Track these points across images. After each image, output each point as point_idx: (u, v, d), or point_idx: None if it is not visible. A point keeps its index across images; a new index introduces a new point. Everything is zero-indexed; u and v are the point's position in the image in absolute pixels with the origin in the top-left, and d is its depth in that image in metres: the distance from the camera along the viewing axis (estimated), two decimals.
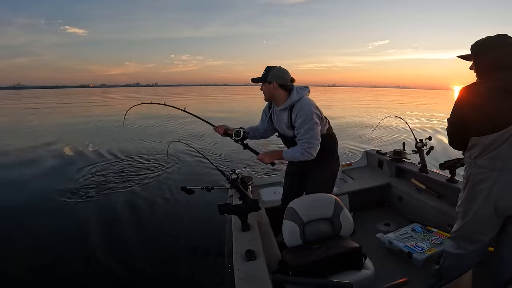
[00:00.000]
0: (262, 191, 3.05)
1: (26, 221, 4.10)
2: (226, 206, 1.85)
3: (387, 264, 2.18)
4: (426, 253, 2.13)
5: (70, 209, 4.52)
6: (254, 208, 1.87)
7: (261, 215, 2.29)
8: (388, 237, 2.38)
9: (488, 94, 1.37)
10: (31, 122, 14.71)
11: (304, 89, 2.09)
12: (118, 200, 4.85)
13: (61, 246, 3.45)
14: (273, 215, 2.32)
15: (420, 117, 15.89)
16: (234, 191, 2.44)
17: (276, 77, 2.03)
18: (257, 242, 1.71)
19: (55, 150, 8.62)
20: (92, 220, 4.15)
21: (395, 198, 3.01)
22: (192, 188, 2.35)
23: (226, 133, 2.40)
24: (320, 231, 1.91)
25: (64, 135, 10.92)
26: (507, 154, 1.36)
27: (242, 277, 1.42)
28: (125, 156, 7.67)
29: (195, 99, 38.65)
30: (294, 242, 1.83)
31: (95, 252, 3.30)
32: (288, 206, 1.93)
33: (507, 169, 1.37)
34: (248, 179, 2.77)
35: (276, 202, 2.78)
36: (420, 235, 2.36)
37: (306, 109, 1.97)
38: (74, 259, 3.18)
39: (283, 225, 1.87)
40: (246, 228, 1.85)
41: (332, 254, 1.67)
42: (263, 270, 1.46)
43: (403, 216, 2.84)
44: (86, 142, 9.49)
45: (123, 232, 3.80)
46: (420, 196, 2.71)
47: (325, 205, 1.95)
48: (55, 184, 5.60)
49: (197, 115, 2.74)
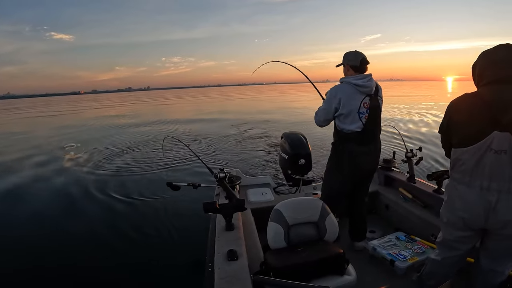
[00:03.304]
0: (250, 191, 3.03)
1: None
2: (211, 204, 1.83)
3: (369, 271, 2.18)
4: (408, 262, 2.14)
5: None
6: (239, 208, 1.85)
7: (247, 215, 2.27)
8: (372, 244, 2.38)
9: (466, 109, 1.37)
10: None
11: (351, 78, 2.12)
12: (102, 192, 4.80)
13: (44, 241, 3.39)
14: (259, 216, 2.30)
15: (413, 113, 15.44)
16: (221, 189, 2.41)
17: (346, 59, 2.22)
18: (240, 242, 1.69)
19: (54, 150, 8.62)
20: (70, 209, 4.12)
21: (382, 206, 3.02)
22: (178, 184, 2.32)
23: None
24: (305, 234, 1.89)
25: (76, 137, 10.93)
26: (474, 170, 1.34)
27: (222, 276, 1.40)
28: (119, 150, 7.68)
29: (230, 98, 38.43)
30: (278, 244, 1.82)
31: (69, 242, 3.25)
32: (275, 208, 1.92)
33: (473, 185, 1.37)
34: (236, 179, 2.75)
35: (263, 203, 2.76)
36: (404, 243, 2.37)
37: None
38: (52, 254, 3.12)
39: (268, 227, 1.86)
40: (230, 228, 1.83)
41: (315, 258, 1.67)
42: (244, 271, 1.44)
43: (389, 224, 2.85)
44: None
45: (103, 226, 3.74)
46: (407, 205, 2.72)
47: (311, 209, 1.94)
48: (54, 183, 5.57)
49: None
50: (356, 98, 2.10)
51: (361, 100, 2.10)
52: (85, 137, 11.03)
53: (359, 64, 2.14)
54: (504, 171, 1.28)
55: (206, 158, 6.61)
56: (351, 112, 2.09)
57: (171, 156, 6.94)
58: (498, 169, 1.28)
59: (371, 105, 2.11)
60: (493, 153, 1.27)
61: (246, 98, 38.63)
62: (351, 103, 2.09)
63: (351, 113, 2.09)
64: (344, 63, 2.23)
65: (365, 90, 2.10)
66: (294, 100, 30.75)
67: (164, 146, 7.35)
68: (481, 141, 1.28)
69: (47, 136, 11.81)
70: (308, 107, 16.83)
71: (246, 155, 7.29)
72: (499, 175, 1.29)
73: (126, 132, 11.46)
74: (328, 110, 2.18)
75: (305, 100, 26.89)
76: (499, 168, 1.28)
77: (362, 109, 2.10)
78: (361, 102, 2.09)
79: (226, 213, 1.83)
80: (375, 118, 2.16)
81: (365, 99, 2.10)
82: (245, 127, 11.88)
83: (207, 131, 11.00)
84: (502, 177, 1.29)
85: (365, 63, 2.16)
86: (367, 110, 2.10)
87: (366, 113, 2.10)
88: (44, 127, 16.11)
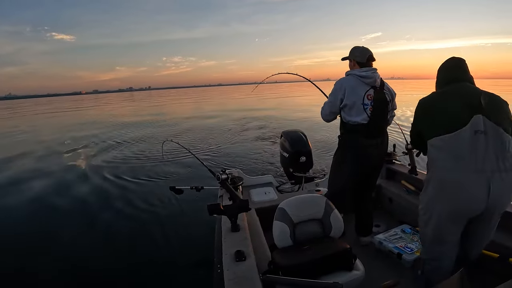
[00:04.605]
0: (253, 191, 3.02)
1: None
2: (216, 206, 1.82)
3: (377, 265, 2.18)
4: (415, 254, 2.14)
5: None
6: (244, 208, 1.84)
7: (251, 215, 2.26)
8: (378, 238, 2.39)
9: (441, 102, 1.55)
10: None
11: (355, 71, 2.15)
12: (105, 198, 4.81)
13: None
14: (264, 215, 2.30)
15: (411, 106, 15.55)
16: (224, 191, 2.41)
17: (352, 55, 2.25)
18: (246, 243, 1.68)
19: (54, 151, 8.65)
20: (74, 215, 4.12)
21: (386, 199, 3.02)
22: (181, 188, 2.32)
23: None
24: (311, 232, 1.89)
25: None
26: (466, 154, 1.40)
27: (231, 277, 1.40)
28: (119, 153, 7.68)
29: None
30: (284, 243, 1.81)
31: (75, 247, 3.26)
32: (279, 207, 1.92)
33: (468, 169, 1.41)
34: (238, 179, 2.74)
35: (267, 202, 2.76)
36: (410, 236, 2.37)
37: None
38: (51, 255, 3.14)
39: (273, 226, 1.85)
40: (235, 229, 1.82)
41: (322, 255, 1.66)
42: (253, 271, 1.44)
43: (393, 217, 2.85)
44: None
45: (109, 231, 3.74)
46: (410, 198, 2.72)
47: (315, 206, 1.94)
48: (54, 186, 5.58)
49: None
50: (361, 88, 2.10)
51: (365, 91, 2.09)
52: (85, 137, 11.07)
53: (366, 61, 2.15)
54: (489, 150, 1.36)
55: (207, 160, 6.60)
56: (355, 103, 2.08)
57: (172, 159, 6.93)
58: (486, 150, 1.36)
59: (375, 97, 2.11)
60: (479, 133, 1.37)
61: (246, 98, 38.66)
62: (356, 94, 2.09)
63: (355, 104, 2.09)
64: (350, 57, 2.24)
65: (369, 81, 2.10)
66: (293, 99, 30.79)
67: (164, 149, 7.34)
68: (466, 126, 1.39)
69: (45, 139, 11.84)
70: (308, 105, 16.86)
71: (247, 155, 7.29)
72: (487, 155, 1.36)
73: (126, 135, 11.41)
74: (334, 103, 2.18)
75: (302, 96, 26.91)
76: (486, 149, 1.37)
77: (366, 101, 2.09)
78: (365, 93, 2.09)
79: (231, 214, 1.82)
80: (381, 111, 2.15)
81: (369, 91, 2.10)
82: (244, 127, 11.89)
83: (206, 132, 11.00)
84: (489, 157, 1.36)
85: (371, 60, 2.17)
86: (371, 102, 2.10)
87: (370, 105, 2.09)
88: (46, 127, 16.28)
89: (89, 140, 10.37)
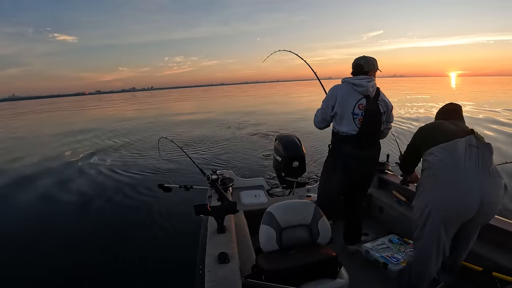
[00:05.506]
0: (243, 193, 3.00)
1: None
2: (203, 206, 1.79)
3: (362, 274, 2.16)
4: (401, 264, 2.12)
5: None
6: (231, 210, 1.82)
7: (239, 217, 2.24)
8: (365, 247, 2.37)
9: (442, 127, 1.77)
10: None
11: (350, 78, 2.13)
12: (93, 192, 4.76)
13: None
14: (252, 218, 2.27)
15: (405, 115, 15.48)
16: (214, 191, 2.38)
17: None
18: (231, 245, 1.66)
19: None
20: (60, 208, 4.06)
21: (376, 209, 3.01)
22: (169, 186, 2.29)
23: None
24: (297, 237, 1.87)
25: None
26: (460, 161, 1.56)
27: (212, 279, 1.37)
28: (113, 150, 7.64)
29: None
30: (270, 247, 1.79)
31: (59, 241, 3.21)
32: (267, 211, 1.90)
33: (463, 174, 1.56)
34: (228, 181, 2.72)
35: (256, 205, 2.74)
36: (397, 246, 2.36)
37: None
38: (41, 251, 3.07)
39: (260, 229, 1.84)
40: (221, 230, 1.80)
41: (307, 261, 1.64)
42: (235, 274, 1.41)
43: (382, 227, 2.84)
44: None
45: (92, 226, 3.70)
46: (400, 208, 2.72)
47: (304, 212, 1.92)
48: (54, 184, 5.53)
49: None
50: (352, 97, 2.05)
51: (357, 100, 2.04)
52: (85, 138, 11.05)
53: (356, 72, 2.13)
54: (480, 160, 1.54)
55: (199, 160, 6.56)
56: (345, 112, 2.04)
57: (164, 157, 6.88)
58: (477, 158, 1.54)
59: (367, 107, 2.04)
60: (473, 147, 1.56)
61: (246, 98, 38.71)
62: (346, 102, 2.04)
63: (345, 113, 2.04)
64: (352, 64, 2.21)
65: (361, 90, 2.04)
66: (294, 97, 30.90)
67: (159, 147, 7.31)
68: (461, 139, 1.58)
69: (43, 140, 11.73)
70: (306, 108, 16.89)
71: (240, 157, 7.25)
72: (479, 163, 1.53)
73: (120, 132, 11.39)
74: (325, 110, 2.15)
75: (302, 96, 27.03)
76: (477, 158, 1.54)
77: (356, 110, 2.03)
78: (356, 102, 2.03)
79: (218, 215, 1.80)
80: (372, 122, 2.08)
81: (361, 100, 2.04)
82: (239, 128, 11.85)
83: (201, 132, 10.97)
84: (480, 164, 1.54)
85: (361, 69, 2.11)
86: (362, 112, 2.03)
87: (361, 115, 2.03)
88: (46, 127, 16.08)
89: (86, 138, 10.37)
